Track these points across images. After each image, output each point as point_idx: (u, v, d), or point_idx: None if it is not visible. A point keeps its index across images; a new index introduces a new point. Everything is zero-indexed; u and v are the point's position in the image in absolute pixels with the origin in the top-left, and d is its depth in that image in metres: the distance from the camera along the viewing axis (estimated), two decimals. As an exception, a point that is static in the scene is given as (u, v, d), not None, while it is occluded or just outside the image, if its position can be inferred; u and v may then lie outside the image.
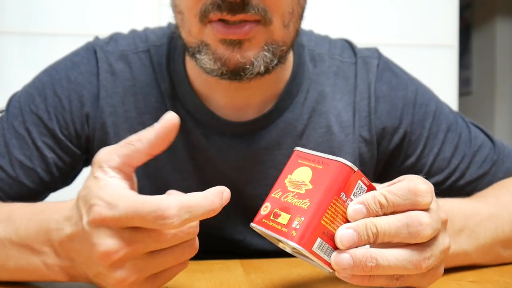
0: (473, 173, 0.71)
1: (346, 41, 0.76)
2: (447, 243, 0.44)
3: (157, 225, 0.39)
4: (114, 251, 0.40)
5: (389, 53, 0.78)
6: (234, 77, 0.58)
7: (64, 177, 0.69)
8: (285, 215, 0.41)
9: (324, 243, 0.40)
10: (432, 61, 1.43)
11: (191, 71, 0.67)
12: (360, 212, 0.41)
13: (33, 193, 0.66)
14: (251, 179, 0.69)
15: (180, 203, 0.39)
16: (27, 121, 0.66)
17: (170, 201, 0.39)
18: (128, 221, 0.40)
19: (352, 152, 0.70)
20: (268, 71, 0.60)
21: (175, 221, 0.39)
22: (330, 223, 0.40)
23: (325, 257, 0.41)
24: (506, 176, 0.72)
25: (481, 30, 3.68)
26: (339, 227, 0.41)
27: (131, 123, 0.68)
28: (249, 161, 0.68)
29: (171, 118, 0.43)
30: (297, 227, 0.40)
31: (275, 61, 0.59)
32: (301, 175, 0.43)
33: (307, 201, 0.41)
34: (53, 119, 0.66)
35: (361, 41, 0.81)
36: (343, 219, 0.41)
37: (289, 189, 0.43)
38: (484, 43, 3.64)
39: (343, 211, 0.41)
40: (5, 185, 0.64)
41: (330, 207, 0.40)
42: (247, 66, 0.57)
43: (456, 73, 1.44)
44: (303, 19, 0.63)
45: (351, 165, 0.41)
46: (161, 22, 0.76)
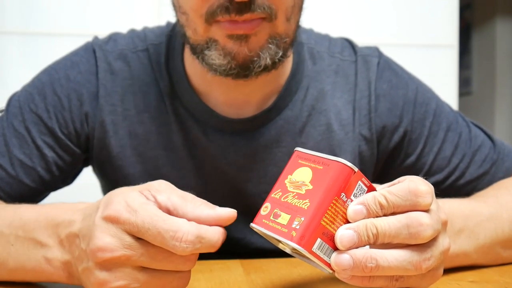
0: (473, 172, 0.71)
1: (346, 39, 0.76)
2: (447, 244, 0.44)
3: (170, 245, 0.40)
4: (109, 249, 0.40)
5: (389, 53, 0.78)
6: (242, 71, 0.59)
7: (64, 176, 0.69)
8: (285, 216, 0.41)
9: (324, 243, 0.40)
10: (432, 61, 1.43)
11: (190, 69, 0.68)
12: (360, 212, 0.41)
13: (33, 192, 0.67)
14: (251, 177, 0.69)
15: (198, 232, 0.40)
16: (27, 120, 0.66)
17: (190, 227, 0.40)
18: (140, 230, 0.40)
19: (352, 150, 0.70)
20: (274, 65, 0.60)
21: (189, 248, 0.40)
22: (330, 223, 0.40)
23: (325, 258, 0.41)
24: (506, 175, 0.72)
25: (481, 30, 3.68)
26: (339, 228, 0.41)
27: (130, 122, 0.68)
28: (248, 158, 0.68)
29: (228, 213, 0.43)
30: (297, 227, 0.40)
31: (280, 53, 0.60)
32: (301, 175, 0.43)
33: (307, 201, 0.41)
34: (52, 118, 0.66)
35: (361, 41, 0.81)
36: (343, 220, 0.41)
37: (289, 190, 0.43)
38: (484, 43, 3.64)
39: (343, 211, 0.41)
40: (5, 184, 0.65)
41: (330, 208, 0.40)
42: (255, 58, 0.58)
43: (456, 73, 1.44)
44: (303, 11, 0.63)
45: (351, 166, 0.41)
46: (161, 22, 0.76)
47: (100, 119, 0.67)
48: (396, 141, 0.71)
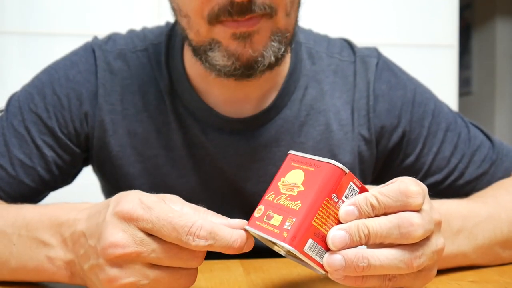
0: (472, 172, 0.71)
1: (345, 40, 0.77)
2: (440, 244, 0.44)
3: (184, 240, 0.40)
4: (121, 245, 0.41)
5: (389, 53, 0.78)
6: (246, 71, 0.59)
7: (64, 176, 0.70)
8: (278, 217, 0.41)
9: (315, 244, 0.40)
10: (432, 61, 1.43)
11: (189, 68, 0.68)
12: (352, 213, 0.41)
13: (33, 192, 0.67)
14: (250, 176, 0.69)
15: (211, 228, 0.41)
16: (27, 119, 0.66)
17: (204, 222, 0.41)
18: (155, 226, 0.40)
19: (351, 150, 0.70)
20: (277, 61, 0.61)
21: (202, 243, 0.40)
22: (321, 224, 0.41)
23: (317, 259, 0.41)
24: (505, 175, 0.72)
25: (481, 30, 3.68)
26: (331, 229, 0.41)
27: (130, 121, 0.68)
28: (247, 157, 0.68)
29: (241, 223, 0.43)
30: (288, 228, 0.40)
31: (283, 49, 0.60)
32: (293, 177, 0.43)
33: (299, 202, 0.41)
34: (52, 118, 0.66)
35: (361, 41, 0.81)
36: (335, 221, 0.41)
37: (282, 192, 0.43)
38: (484, 43, 3.64)
39: (334, 212, 0.41)
40: (5, 184, 0.65)
41: (321, 208, 0.40)
42: (259, 59, 0.58)
43: (456, 73, 1.44)
44: (301, 6, 0.64)
45: (342, 167, 0.41)
46: (161, 22, 0.76)
47: (99, 118, 0.68)
48: (395, 141, 0.71)
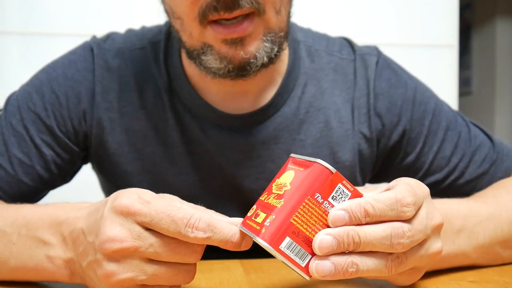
0: (472, 172, 0.71)
1: (344, 38, 0.77)
2: (436, 248, 0.44)
3: (183, 232, 0.40)
4: (118, 239, 0.41)
5: (389, 53, 0.78)
6: (240, 73, 0.59)
7: (63, 174, 0.70)
8: (262, 215, 0.41)
9: (295, 244, 0.40)
10: (432, 61, 1.43)
11: (187, 66, 0.68)
12: (342, 219, 0.40)
13: (32, 191, 0.67)
14: (248, 173, 0.69)
15: (210, 220, 0.41)
16: (25, 118, 0.66)
17: (202, 215, 0.41)
18: (153, 219, 0.40)
19: (351, 148, 0.70)
20: (271, 61, 0.61)
21: (200, 235, 0.40)
22: (302, 223, 0.40)
23: (298, 261, 0.40)
24: (505, 175, 0.72)
25: (481, 30, 3.68)
26: (318, 233, 0.40)
27: (128, 118, 0.68)
28: (246, 155, 0.68)
29: (239, 220, 0.43)
30: (267, 224, 0.40)
31: (276, 49, 0.60)
32: (285, 178, 0.43)
33: (282, 200, 0.41)
34: (50, 116, 0.66)
35: (361, 41, 0.81)
36: (320, 223, 0.41)
37: (273, 191, 0.43)
38: (484, 43, 3.64)
39: (318, 213, 0.40)
40: (4, 183, 0.65)
41: (302, 207, 0.40)
42: (252, 60, 0.58)
43: (456, 73, 1.44)
44: (293, 2, 0.63)
45: (328, 167, 0.41)
46: (160, 22, 0.76)
47: (97, 116, 0.68)
48: (395, 139, 0.71)
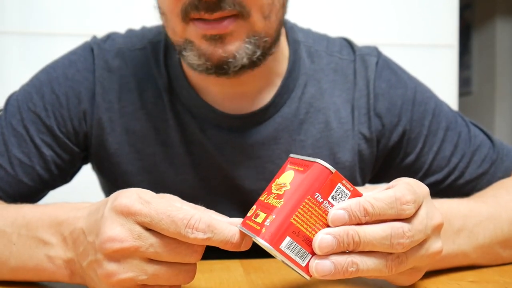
0: (472, 172, 0.71)
1: (344, 39, 0.77)
2: (436, 248, 0.44)
3: (183, 233, 0.40)
4: (118, 239, 0.40)
5: (389, 53, 0.78)
6: (219, 71, 0.59)
7: (63, 174, 0.70)
8: (262, 215, 0.41)
9: (295, 244, 0.40)
10: (432, 61, 1.43)
11: (187, 66, 0.68)
12: (341, 218, 0.40)
13: (32, 191, 0.67)
14: (248, 174, 0.69)
15: (210, 221, 0.41)
16: (25, 119, 0.66)
17: (202, 216, 0.41)
18: (154, 219, 0.40)
19: (351, 148, 0.70)
20: (254, 64, 0.60)
21: (200, 235, 0.40)
22: (302, 223, 0.40)
23: (299, 260, 0.40)
24: (505, 175, 0.72)
25: (481, 30, 3.68)
26: (318, 232, 0.40)
27: (127, 119, 0.68)
28: (246, 155, 0.68)
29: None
30: (267, 224, 0.40)
31: (258, 53, 0.60)
32: (285, 178, 0.43)
33: (282, 200, 0.41)
34: (50, 116, 0.66)
35: (361, 41, 0.81)
36: (320, 222, 0.41)
37: (272, 192, 0.43)
38: (484, 43, 3.64)
39: (318, 213, 0.41)
40: (4, 183, 0.65)
41: (302, 207, 0.40)
42: (230, 59, 0.58)
43: (456, 73, 1.44)
44: (286, 9, 0.63)
45: (328, 166, 0.41)
46: (160, 22, 0.76)
47: (97, 116, 0.68)
48: (395, 140, 0.71)
